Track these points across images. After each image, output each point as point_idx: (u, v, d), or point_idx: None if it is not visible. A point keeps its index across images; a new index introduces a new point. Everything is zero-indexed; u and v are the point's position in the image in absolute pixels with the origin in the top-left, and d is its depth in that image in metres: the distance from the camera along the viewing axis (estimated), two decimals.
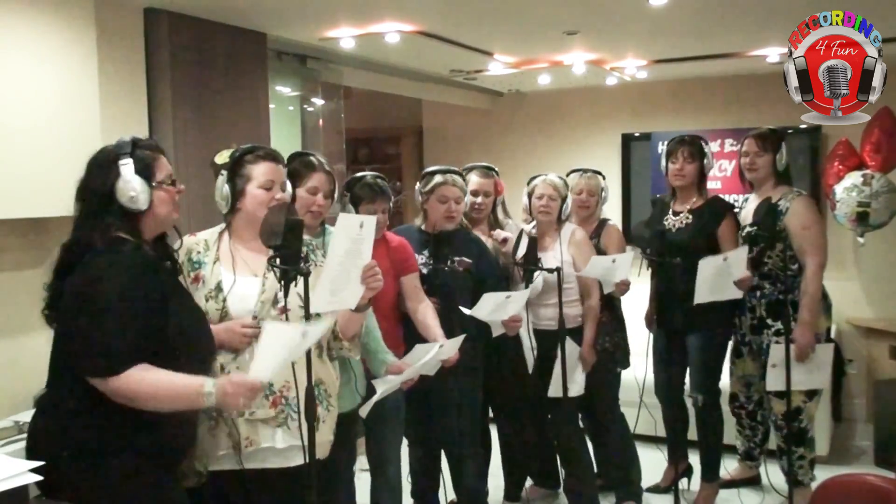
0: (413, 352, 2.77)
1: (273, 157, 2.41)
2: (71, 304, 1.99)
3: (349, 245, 2.17)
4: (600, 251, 3.73)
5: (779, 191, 3.74)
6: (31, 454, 2.03)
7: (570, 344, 3.43)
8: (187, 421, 2.15)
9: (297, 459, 2.25)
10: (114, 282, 1.96)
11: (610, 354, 3.73)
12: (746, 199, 3.98)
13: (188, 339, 2.09)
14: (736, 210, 3.90)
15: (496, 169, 3.75)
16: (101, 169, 2.06)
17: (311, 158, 2.84)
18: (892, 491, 2.18)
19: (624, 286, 3.58)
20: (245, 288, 2.31)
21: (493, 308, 3.08)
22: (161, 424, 2.00)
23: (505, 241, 3.65)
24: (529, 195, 3.69)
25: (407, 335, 3.14)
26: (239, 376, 1.98)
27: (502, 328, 3.20)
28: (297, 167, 2.81)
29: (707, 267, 3.36)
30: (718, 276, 3.39)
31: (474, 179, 3.65)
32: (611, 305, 3.77)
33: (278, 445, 2.26)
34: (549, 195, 3.61)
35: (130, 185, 2.03)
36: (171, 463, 2.13)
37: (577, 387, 3.53)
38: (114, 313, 1.94)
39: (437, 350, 2.70)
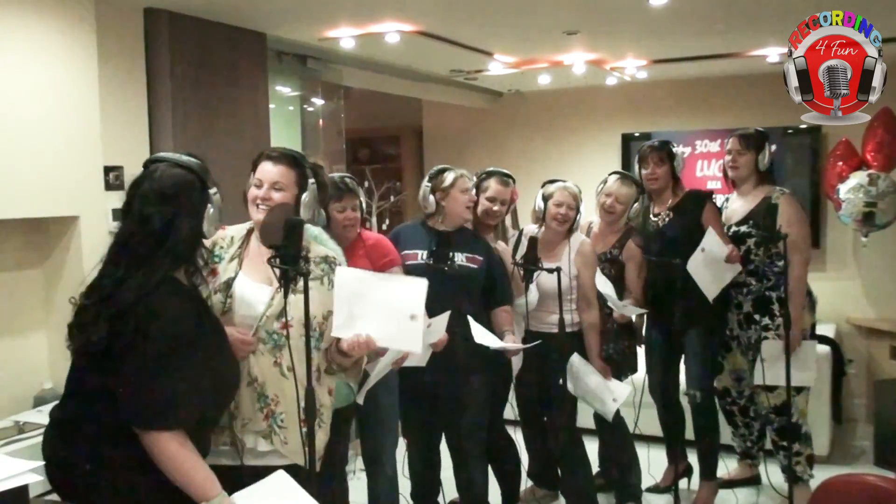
0: None
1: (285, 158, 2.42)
2: (138, 349, 1.89)
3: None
4: (619, 263, 3.71)
5: (761, 190, 3.78)
6: (51, 474, 2.00)
7: (575, 357, 3.44)
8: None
9: (274, 462, 2.26)
10: (179, 328, 1.94)
11: (616, 364, 3.64)
12: (727, 199, 4.00)
13: (224, 385, 2.12)
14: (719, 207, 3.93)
15: (514, 178, 3.64)
16: (196, 195, 2.05)
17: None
18: (892, 491, 2.17)
19: (622, 318, 3.64)
20: (254, 293, 2.30)
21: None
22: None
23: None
24: (545, 199, 3.60)
25: None
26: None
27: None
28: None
29: (696, 266, 3.43)
30: (710, 266, 3.44)
31: (493, 186, 3.54)
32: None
33: (260, 448, 2.27)
34: (568, 204, 3.55)
35: (215, 214, 2.09)
36: None
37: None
38: (176, 364, 1.91)
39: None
